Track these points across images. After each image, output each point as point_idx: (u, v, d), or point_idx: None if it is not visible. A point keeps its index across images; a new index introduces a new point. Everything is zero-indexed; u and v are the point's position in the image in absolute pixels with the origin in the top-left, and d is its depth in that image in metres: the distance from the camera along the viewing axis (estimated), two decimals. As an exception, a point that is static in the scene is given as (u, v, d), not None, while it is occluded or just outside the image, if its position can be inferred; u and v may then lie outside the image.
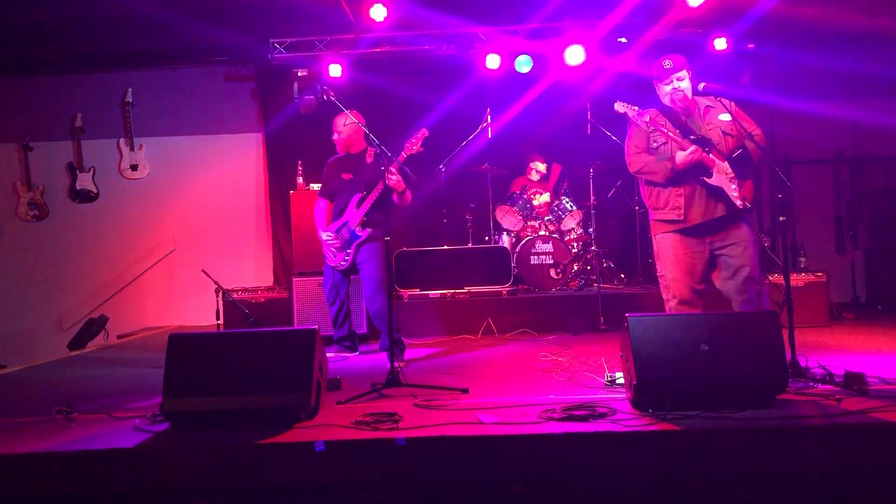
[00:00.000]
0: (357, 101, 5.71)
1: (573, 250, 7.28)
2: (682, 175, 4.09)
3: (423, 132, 5.06)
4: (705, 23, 7.55)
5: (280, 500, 3.03)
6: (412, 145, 5.01)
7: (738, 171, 4.03)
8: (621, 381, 3.77)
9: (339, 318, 5.53)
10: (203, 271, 6.55)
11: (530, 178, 7.94)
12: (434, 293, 6.80)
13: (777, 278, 5.95)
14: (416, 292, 6.82)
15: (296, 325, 6.16)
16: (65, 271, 8.60)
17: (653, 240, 4.36)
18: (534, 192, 7.65)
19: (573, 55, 7.60)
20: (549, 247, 7.12)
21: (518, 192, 7.61)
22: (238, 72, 8.66)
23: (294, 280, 6.37)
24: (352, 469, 2.97)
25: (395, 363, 4.09)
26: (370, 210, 5.20)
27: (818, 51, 7.96)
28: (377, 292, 5.14)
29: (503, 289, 6.79)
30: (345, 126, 5.40)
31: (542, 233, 7.28)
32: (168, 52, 8.45)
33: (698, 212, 4.10)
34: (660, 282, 4.32)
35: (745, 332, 3.35)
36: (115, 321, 8.06)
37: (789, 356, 3.71)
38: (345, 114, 5.25)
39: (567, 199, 7.55)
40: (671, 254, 4.20)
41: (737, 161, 4.03)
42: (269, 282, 8.35)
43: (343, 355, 5.53)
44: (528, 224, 7.50)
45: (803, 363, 3.84)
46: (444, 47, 7.90)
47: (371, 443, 3.00)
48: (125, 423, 3.48)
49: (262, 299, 6.60)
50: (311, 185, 6.75)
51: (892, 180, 8.18)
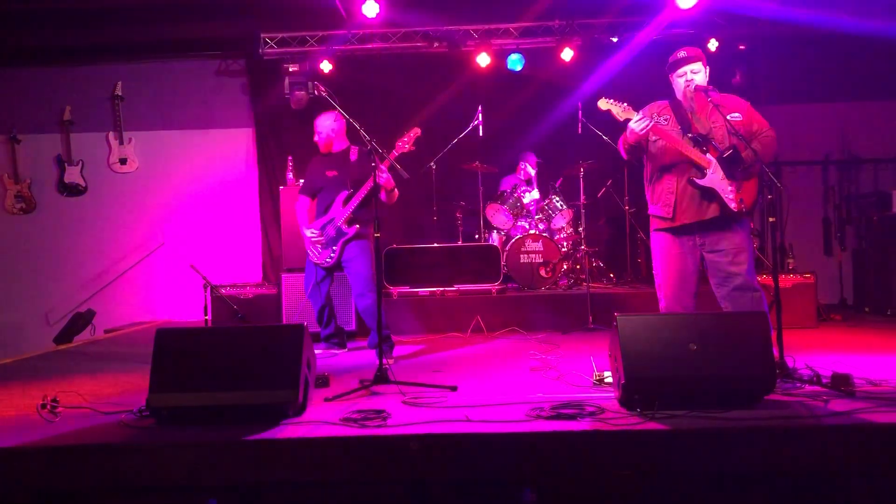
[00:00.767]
0: (347, 97, 5.68)
1: (563, 249, 7.29)
2: (674, 162, 4.06)
3: (416, 131, 5.03)
4: (697, 24, 7.57)
5: (267, 496, 3.02)
6: (404, 144, 4.99)
7: (726, 170, 3.98)
8: (610, 380, 3.77)
9: (325, 317, 5.51)
10: (191, 266, 6.53)
11: (521, 176, 7.94)
12: (423, 291, 6.80)
13: (766, 279, 5.98)
14: (406, 289, 6.81)
15: (284, 321, 6.14)
16: (52, 265, 8.55)
17: (650, 236, 4.35)
18: (524, 190, 7.65)
19: (566, 53, 7.68)
20: (538, 245, 7.12)
21: (509, 190, 7.60)
22: (229, 66, 8.64)
23: (283, 276, 6.34)
24: (339, 466, 2.96)
25: (384, 360, 4.08)
26: (358, 207, 5.18)
27: (808, 52, 8.04)
28: (366, 289, 5.13)
29: (493, 287, 6.79)
30: (325, 125, 5.39)
31: (532, 231, 7.27)
32: (158, 46, 8.43)
33: (688, 212, 4.06)
34: (655, 280, 4.31)
35: (734, 332, 3.36)
36: (103, 316, 8.02)
37: (777, 357, 3.72)
38: (325, 114, 5.25)
39: (557, 198, 7.56)
40: (662, 254, 4.19)
41: (725, 161, 3.98)
42: (257, 277, 8.33)
43: (332, 352, 5.51)
44: (519, 222, 7.50)
45: (791, 364, 3.85)
46: (436, 44, 7.90)
47: (359, 440, 2.98)
48: (111, 418, 3.45)
49: (250, 295, 6.57)
50: (301, 181, 6.71)
51: (879, 183, 8.24)
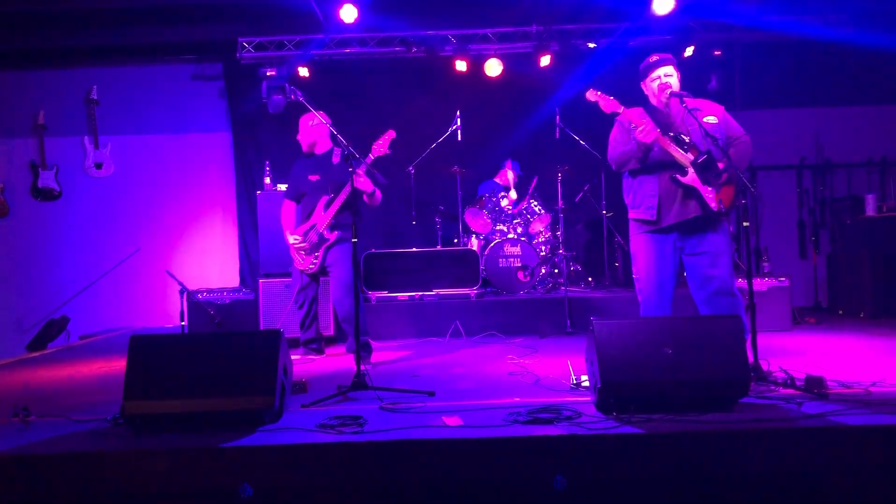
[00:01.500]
0: (326, 102, 5.69)
1: (541, 253, 7.31)
2: (656, 163, 4.06)
3: (391, 133, 5.03)
4: (673, 30, 7.64)
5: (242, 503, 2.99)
6: (379, 147, 4.98)
7: (700, 176, 4.00)
8: (587, 384, 3.78)
9: (307, 322, 5.50)
10: (167, 272, 6.47)
11: (499, 181, 7.95)
12: (402, 295, 6.79)
13: (741, 282, 6.03)
14: (385, 294, 6.80)
15: (262, 327, 6.10)
16: (25, 271, 8.43)
17: (630, 240, 4.35)
18: (502, 195, 7.67)
19: (544, 59, 7.73)
20: (517, 249, 7.14)
21: (487, 194, 7.62)
22: (205, 70, 8.58)
23: (261, 281, 6.31)
24: (315, 472, 2.94)
25: (362, 366, 4.07)
26: (338, 212, 5.16)
27: (783, 58, 8.14)
28: (346, 294, 5.11)
29: (471, 291, 6.79)
30: (310, 126, 5.37)
31: (511, 236, 7.29)
32: (134, 49, 8.37)
33: (672, 213, 4.07)
34: (635, 284, 4.32)
35: (709, 336, 3.38)
36: (78, 322, 7.93)
37: (752, 360, 3.75)
38: (311, 114, 5.21)
39: (535, 203, 7.59)
40: (645, 256, 4.20)
41: (699, 167, 3.99)
42: (235, 283, 8.27)
43: (309, 357, 5.49)
44: (497, 227, 7.52)
45: (765, 367, 3.88)
46: (414, 49, 7.92)
47: (335, 446, 2.97)
48: (84, 426, 3.41)
49: (227, 301, 6.51)
50: (279, 186, 6.70)
51: (853, 187, 8.35)
